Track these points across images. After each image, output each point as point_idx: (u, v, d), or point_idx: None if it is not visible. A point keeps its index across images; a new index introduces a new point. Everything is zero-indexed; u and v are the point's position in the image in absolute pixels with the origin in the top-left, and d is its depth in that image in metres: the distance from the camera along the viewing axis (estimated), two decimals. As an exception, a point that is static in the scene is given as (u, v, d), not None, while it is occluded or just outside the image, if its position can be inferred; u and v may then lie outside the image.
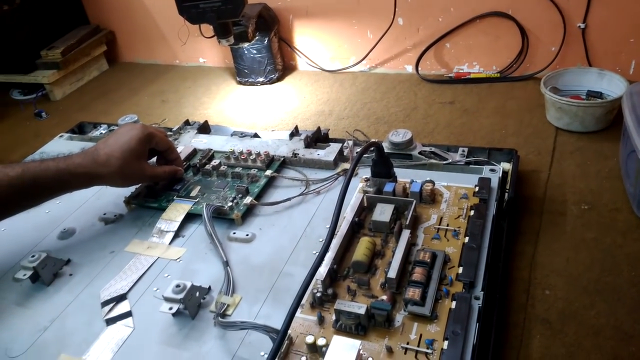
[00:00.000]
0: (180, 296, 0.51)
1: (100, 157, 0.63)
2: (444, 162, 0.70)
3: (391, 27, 1.08)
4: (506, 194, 0.64)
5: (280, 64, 1.18)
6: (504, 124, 0.86)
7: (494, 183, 0.63)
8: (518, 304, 0.54)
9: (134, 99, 1.19)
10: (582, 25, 0.93)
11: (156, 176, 0.69)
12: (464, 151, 0.72)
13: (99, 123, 0.97)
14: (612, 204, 0.65)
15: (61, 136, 0.94)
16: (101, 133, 0.94)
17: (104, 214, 0.70)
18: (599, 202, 0.65)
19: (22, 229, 0.69)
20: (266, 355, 0.46)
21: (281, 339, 0.44)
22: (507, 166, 0.69)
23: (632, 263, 0.56)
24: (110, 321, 0.54)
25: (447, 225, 0.58)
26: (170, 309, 0.51)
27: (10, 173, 0.59)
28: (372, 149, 0.65)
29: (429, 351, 0.44)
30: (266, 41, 1.11)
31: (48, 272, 0.60)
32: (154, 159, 0.72)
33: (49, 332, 0.54)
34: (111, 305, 0.56)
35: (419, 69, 1.08)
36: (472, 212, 0.59)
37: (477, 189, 0.62)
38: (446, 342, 0.45)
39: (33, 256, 0.59)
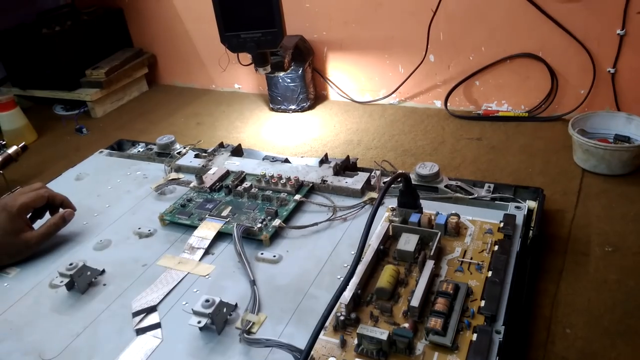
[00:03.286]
0: (209, 311, 0.53)
1: None
2: (470, 196, 0.72)
3: (422, 63, 1.11)
4: (531, 232, 0.65)
5: (313, 94, 1.22)
6: (531, 162, 0.87)
7: (519, 220, 0.64)
8: (538, 341, 0.54)
9: (170, 120, 1.23)
10: (612, 70, 0.94)
11: (44, 236, 0.70)
12: (489, 187, 0.74)
13: (137, 141, 1.01)
14: (636, 247, 0.65)
15: (101, 152, 0.98)
16: (139, 151, 0.98)
17: (139, 228, 0.73)
18: (623, 245, 0.66)
19: (59, 237, 0.72)
20: (288, 374, 0.48)
21: (304, 358, 0.45)
22: (532, 204, 0.70)
23: (656, 308, 0.56)
24: (140, 331, 0.56)
25: (471, 259, 0.59)
26: (199, 322, 0.53)
27: None
28: (399, 179, 0.67)
29: (449, 380, 0.45)
30: (300, 71, 1.15)
31: (84, 280, 0.63)
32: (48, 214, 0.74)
33: (81, 338, 0.57)
34: (142, 316, 0.58)
35: (448, 104, 1.11)
36: (496, 247, 0.60)
37: (502, 224, 0.63)
38: (466, 373, 0.45)
39: (71, 264, 0.62)
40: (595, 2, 0.91)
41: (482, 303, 0.52)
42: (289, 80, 1.16)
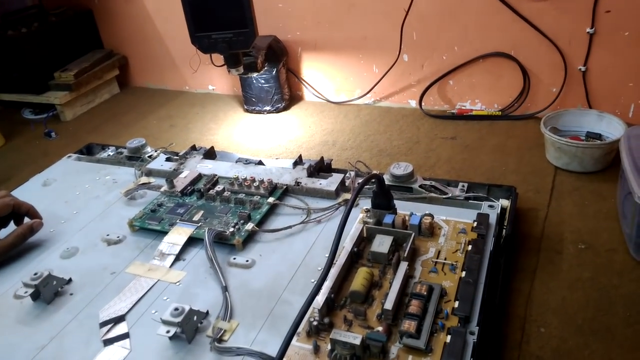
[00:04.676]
0: (178, 320, 0.51)
1: None
2: (444, 196, 0.71)
3: (396, 63, 1.10)
4: (504, 231, 0.65)
5: (287, 94, 1.20)
6: (504, 161, 0.87)
7: (492, 219, 0.64)
8: (513, 341, 0.54)
9: (142, 123, 1.21)
10: (583, 68, 0.95)
11: (10, 245, 0.68)
12: (463, 186, 0.74)
13: (108, 145, 0.99)
14: (608, 244, 0.66)
15: (69, 156, 0.95)
16: (109, 155, 0.96)
17: (107, 235, 0.71)
18: (596, 242, 0.66)
19: (24, 245, 0.70)
20: (261, 382, 0.47)
21: (276, 366, 0.44)
22: (505, 203, 0.70)
23: (628, 304, 0.57)
24: (108, 342, 0.54)
25: (445, 259, 0.58)
26: (168, 332, 0.51)
27: None
28: (373, 180, 0.66)
29: (423, 384, 0.45)
30: (274, 72, 1.14)
31: (49, 290, 0.61)
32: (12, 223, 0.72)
33: (47, 350, 0.55)
34: (109, 326, 0.56)
35: (422, 104, 1.11)
36: (469, 247, 0.59)
37: (475, 224, 0.63)
38: (440, 376, 0.45)
39: (36, 274, 0.60)
40: (565, 1, 0.92)
41: (456, 304, 0.52)
42: (263, 81, 1.15)
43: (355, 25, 1.11)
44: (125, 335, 0.55)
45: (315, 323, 0.51)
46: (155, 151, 0.90)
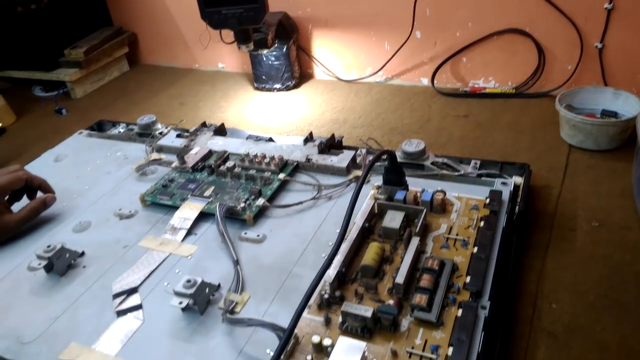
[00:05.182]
0: (191, 291, 0.52)
1: None
2: (456, 173, 0.71)
3: (409, 40, 1.09)
4: (517, 208, 0.65)
5: (298, 72, 1.19)
6: (518, 139, 0.86)
7: (505, 196, 0.64)
8: (524, 317, 0.54)
9: (153, 100, 1.21)
10: (600, 45, 0.93)
11: (23, 219, 0.68)
12: (476, 164, 0.73)
13: (118, 122, 0.99)
14: (622, 222, 0.65)
15: (80, 133, 0.96)
16: (120, 131, 0.96)
17: (119, 210, 0.71)
18: (609, 220, 0.65)
19: (37, 219, 0.71)
20: (272, 353, 0.47)
21: (287, 337, 0.44)
22: (519, 180, 0.69)
23: (641, 281, 0.56)
24: (121, 313, 0.55)
25: (457, 235, 0.58)
26: (180, 303, 0.52)
27: None
28: (384, 157, 0.66)
29: (434, 356, 0.45)
30: (285, 49, 1.13)
31: (62, 263, 0.62)
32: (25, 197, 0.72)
33: (60, 321, 0.55)
34: (122, 297, 0.57)
35: (435, 82, 1.09)
36: (482, 224, 0.59)
37: (488, 200, 0.62)
38: (451, 349, 0.45)
39: (49, 246, 0.61)
40: (583, -24, 0.89)
41: (468, 279, 0.52)
42: (273, 59, 1.14)
43: (367, 1, 1.09)
44: (138, 307, 0.56)
45: (326, 296, 0.51)
46: (166, 128, 0.90)
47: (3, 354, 0.52)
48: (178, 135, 0.87)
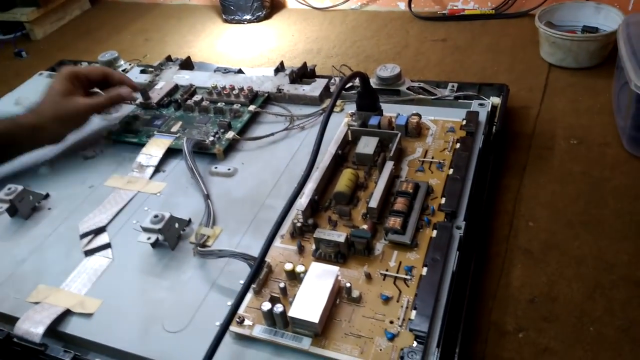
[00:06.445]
0: (159, 226, 0.50)
1: (35, 108, 0.63)
2: (433, 97, 0.68)
3: (383, -39, 1.03)
4: (494, 128, 0.63)
5: (268, 1, 1.13)
6: (497, 60, 0.83)
7: (482, 117, 0.62)
8: (501, 236, 0.53)
9: (116, 38, 1.14)
10: (582, -42, 0.89)
11: (97, 105, 0.65)
12: (453, 87, 0.70)
13: (80, 61, 0.94)
14: (601, 138, 0.63)
15: (41, 74, 0.91)
16: (81, 71, 0.91)
17: (83, 150, 0.68)
18: (588, 137, 0.64)
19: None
20: (245, 283, 0.46)
21: (259, 264, 0.43)
22: (496, 101, 0.67)
23: (619, 196, 0.55)
24: (89, 252, 0.54)
25: (432, 158, 0.56)
26: (149, 239, 0.50)
27: None
28: (358, 82, 0.63)
29: (408, 277, 0.44)
30: (253, -24, 1.06)
31: (26, 205, 0.59)
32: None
33: (27, 263, 0.54)
34: (90, 237, 0.55)
35: (412, 5, 1.04)
36: (458, 145, 0.57)
37: (464, 122, 0.60)
38: (425, 269, 0.44)
39: (9, 189, 0.58)
40: None
41: (443, 200, 0.51)
42: (241, -12, 1.08)
43: None
44: (106, 246, 0.54)
45: (299, 225, 0.50)
46: (129, 64, 0.86)
47: (-32, 300, 0.51)
48: (142, 71, 0.82)
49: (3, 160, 0.64)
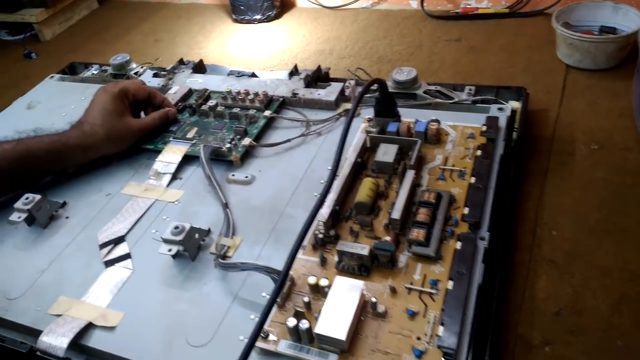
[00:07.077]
0: (179, 238, 0.50)
1: (86, 128, 0.62)
2: (450, 101, 0.67)
3: (395, -41, 1.02)
4: (514, 134, 0.62)
5: (278, 1, 1.12)
6: (513, 61, 0.82)
7: (502, 122, 0.61)
8: (524, 245, 0.53)
9: (126, 39, 1.14)
10: (598, -45, 0.87)
11: (146, 126, 0.66)
12: (470, 90, 0.69)
13: (91, 63, 0.93)
14: (622, 143, 0.63)
15: (52, 77, 0.90)
16: (92, 73, 0.91)
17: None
18: (609, 142, 0.63)
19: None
20: (268, 296, 0.46)
21: (282, 279, 0.43)
22: (515, 105, 0.66)
23: (642, 203, 0.55)
24: (109, 263, 0.53)
25: (453, 166, 0.56)
26: (170, 250, 0.50)
27: (4, 146, 0.59)
28: (374, 87, 0.62)
29: (434, 291, 0.43)
30: (263, -25, 1.05)
31: (44, 214, 0.59)
32: (142, 114, 0.70)
33: (47, 274, 0.54)
34: (109, 247, 0.55)
35: (424, 4, 1.03)
36: (478, 152, 0.56)
37: (484, 128, 0.60)
38: (451, 283, 0.44)
39: (27, 198, 0.58)
40: None
41: (466, 210, 0.50)
42: (251, -13, 1.07)
43: None
44: (126, 256, 0.54)
45: (320, 236, 0.49)
46: (141, 67, 0.85)
47: (-10, 311, 0.51)
48: (155, 75, 0.82)
49: (45, 174, 0.64)
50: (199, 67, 0.82)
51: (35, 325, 0.48)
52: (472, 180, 0.53)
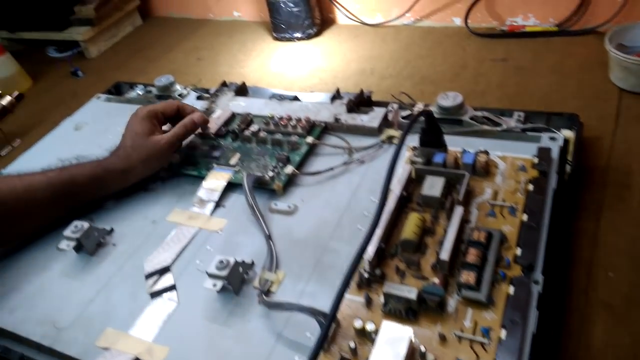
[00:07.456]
0: (224, 273, 0.50)
1: (121, 152, 0.64)
2: (498, 128, 0.65)
3: (438, -24, 1.00)
4: (567, 166, 0.60)
5: (319, 18, 1.12)
6: (562, 84, 0.79)
7: (555, 153, 0.59)
8: (578, 287, 0.50)
9: (169, 56, 1.16)
10: (655, -29, 0.84)
11: (175, 136, 0.66)
12: (520, 116, 0.67)
13: (136, 83, 0.95)
14: (684, 176, 0.60)
15: (98, 97, 0.92)
16: (138, 94, 0.92)
17: (145, 182, 0.69)
18: (669, 174, 0.60)
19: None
20: (312, 337, 0.45)
21: (329, 324, 0.42)
22: (567, 133, 0.63)
23: None
24: (155, 294, 0.54)
25: (504, 201, 0.54)
26: (214, 285, 0.50)
27: (48, 174, 0.62)
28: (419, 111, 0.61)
29: (485, 341, 0.42)
30: (304, -7, 1.05)
31: (91, 242, 0.60)
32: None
33: (94, 304, 0.55)
34: (155, 277, 0.55)
35: (468, 21, 1.01)
36: (530, 187, 0.54)
37: (536, 160, 0.57)
38: (504, 331, 0.42)
39: (76, 227, 0.59)
40: None
41: (518, 251, 0.48)
42: (291, 4, 1.07)
43: None
44: (172, 287, 0.54)
45: (366, 275, 0.48)
46: (185, 88, 0.86)
47: (40, 340, 0.52)
48: (198, 97, 0.83)
49: (88, 201, 0.66)
50: (242, 90, 0.83)
51: (83, 357, 0.49)
52: (524, 217, 0.51)
